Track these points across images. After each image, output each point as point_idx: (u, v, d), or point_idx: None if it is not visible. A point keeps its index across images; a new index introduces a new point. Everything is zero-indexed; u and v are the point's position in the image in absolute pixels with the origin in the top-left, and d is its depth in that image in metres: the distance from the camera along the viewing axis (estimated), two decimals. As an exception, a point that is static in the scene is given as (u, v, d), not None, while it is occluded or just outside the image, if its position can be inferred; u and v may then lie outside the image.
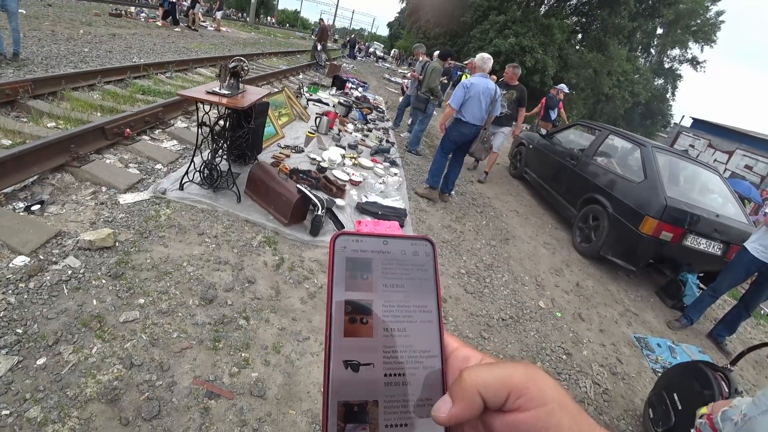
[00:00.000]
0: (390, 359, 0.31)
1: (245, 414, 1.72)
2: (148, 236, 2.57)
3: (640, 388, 2.90)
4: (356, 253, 0.32)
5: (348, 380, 0.30)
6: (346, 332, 0.30)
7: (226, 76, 3.02)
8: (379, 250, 0.33)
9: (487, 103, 4.53)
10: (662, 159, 4.64)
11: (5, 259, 2.09)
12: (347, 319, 0.31)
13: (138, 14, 14.25)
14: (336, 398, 0.29)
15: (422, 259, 0.34)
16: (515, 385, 0.26)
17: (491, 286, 3.49)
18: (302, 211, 3.20)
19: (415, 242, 0.34)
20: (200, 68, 8.00)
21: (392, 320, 0.32)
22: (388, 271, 0.33)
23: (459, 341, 0.33)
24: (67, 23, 8.98)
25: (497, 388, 0.26)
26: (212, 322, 2.09)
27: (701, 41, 27.51)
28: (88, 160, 3.14)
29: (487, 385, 0.27)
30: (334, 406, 0.29)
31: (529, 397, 0.26)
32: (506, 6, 20.73)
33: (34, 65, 5.31)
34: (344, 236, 0.33)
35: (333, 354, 0.30)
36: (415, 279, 0.33)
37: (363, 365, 0.30)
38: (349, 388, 0.30)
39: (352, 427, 0.29)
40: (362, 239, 0.33)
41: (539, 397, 0.26)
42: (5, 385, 1.53)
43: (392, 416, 0.30)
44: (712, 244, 4.12)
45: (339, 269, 0.32)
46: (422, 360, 0.31)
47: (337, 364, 0.30)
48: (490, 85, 4.55)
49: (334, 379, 0.29)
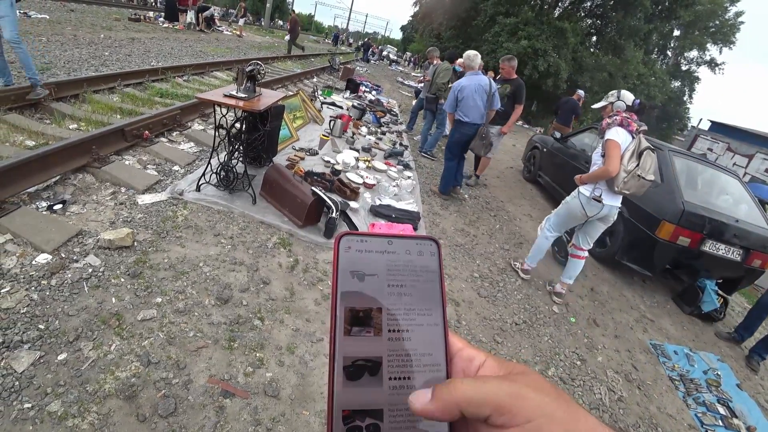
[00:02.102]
0: (394, 359, 0.31)
1: (259, 413, 1.73)
2: (166, 236, 2.62)
3: (656, 395, 2.85)
4: (361, 253, 0.32)
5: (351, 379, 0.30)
6: (351, 332, 0.31)
7: (243, 79, 3.07)
8: (383, 250, 0.33)
9: (483, 100, 4.58)
10: (679, 163, 4.56)
11: (29, 256, 2.15)
12: (352, 319, 0.31)
13: (156, 19, 14.56)
14: (341, 401, 0.29)
15: (427, 259, 0.34)
16: (497, 404, 0.26)
17: (504, 290, 3.46)
18: (317, 213, 3.22)
19: (420, 242, 0.34)
20: (216, 71, 8.12)
21: (397, 320, 0.32)
22: (393, 271, 0.33)
23: (464, 341, 0.34)
24: (89, 28, 9.21)
25: (479, 406, 0.27)
26: (227, 322, 2.12)
27: (720, 42, 26.94)
28: (108, 161, 3.21)
29: (469, 402, 0.27)
30: (339, 411, 0.29)
31: (512, 416, 0.26)
32: (517, 9, 20.56)
33: (56, 69, 5.45)
34: (349, 236, 0.33)
35: (337, 353, 0.30)
36: (420, 279, 0.33)
37: (367, 365, 0.30)
38: (353, 391, 0.30)
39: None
40: (367, 239, 0.33)
41: (523, 414, 0.26)
42: (28, 379, 1.57)
43: (396, 417, 0.30)
44: (731, 249, 4.04)
45: (344, 269, 0.32)
46: (427, 360, 0.32)
47: (341, 364, 0.30)
48: (482, 82, 4.59)
49: (338, 381, 0.30)
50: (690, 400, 2.93)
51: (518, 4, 20.83)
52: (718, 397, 3.02)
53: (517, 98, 5.61)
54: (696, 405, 2.89)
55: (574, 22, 20.87)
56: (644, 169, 2.96)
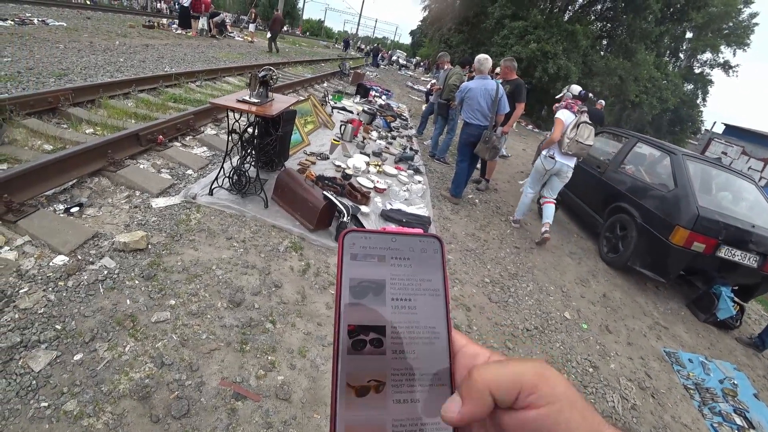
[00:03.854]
0: (398, 356, 0.31)
1: (271, 416, 1.74)
2: (179, 239, 2.65)
3: (670, 404, 2.80)
4: (365, 249, 0.33)
5: (356, 366, 0.30)
6: (356, 330, 0.31)
7: (255, 84, 3.10)
8: (387, 247, 0.33)
9: (488, 103, 4.66)
10: (693, 167, 4.50)
11: (46, 258, 2.19)
12: (356, 315, 0.31)
13: (170, 26, 14.82)
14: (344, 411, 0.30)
15: (430, 256, 0.34)
16: (525, 383, 0.26)
17: (516, 295, 3.44)
18: (328, 217, 3.24)
19: (423, 239, 0.35)
20: (228, 77, 8.22)
21: (401, 317, 0.32)
22: (397, 267, 0.33)
23: (466, 338, 0.33)
24: (105, 35, 9.40)
25: (508, 387, 0.26)
26: (240, 325, 2.13)
27: (733, 44, 26.56)
28: (123, 165, 3.27)
29: (499, 384, 0.26)
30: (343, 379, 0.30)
31: (539, 395, 0.26)
32: (525, 12, 20.51)
33: (74, 75, 5.57)
34: (353, 233, 0.33)
35: (341, 353, 0.30)
36: (424, 276, 0.34)
37: (371, 363, 0.31)
38: (358, 359, 0.30)
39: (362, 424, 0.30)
40: (371, 236, 0.33)
41: (549, 394, 0.26)
42: (44, 379, 1.60)
43: (401, 416, 0.30)
44: (747, 255, 3.96)
45: (348, 265, 0.32)
46: (431, 358, 0.32)
47: (346, 363, 0.30)
48: (489, 86, 4.67)
49: (342, 383, 0.30)
50: (706, 410, 2.87)
51: (527, 8, 20.78)
52: (735, 407, 2.95)
53: (516, 97, 5.46)
54: (712, 415, 2.84)
55: (585, 25, 20.74)
56: (582, 137, 4.16)
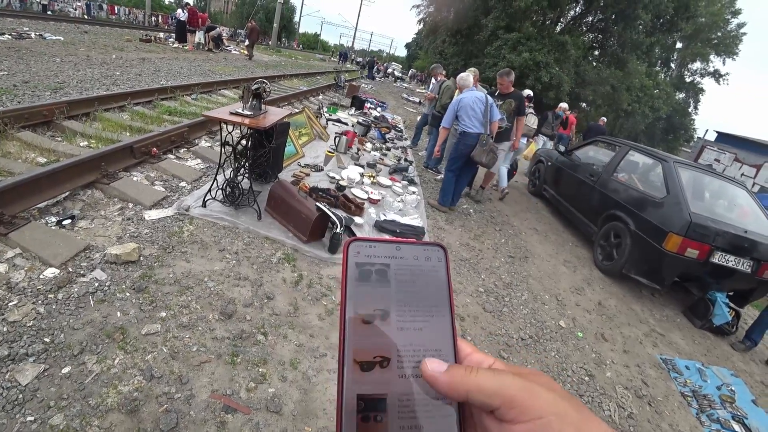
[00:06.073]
0: (403, 362, 0.31)
1: (261, 429, 1.72)
2: (171, 251, 2.64)
3: (667, 412, 2.78)
4: (369, 258, 0.33)
5: (361, 380, 0.31)
6: (361, 335, 0.31)
7: (248, 97, 3.12)
8: (391, 256, 0.34)
9: (481, 109, 4.66)
10: (685, 174, 4.53)
11: (37, 270, 2.18)
12: (361, 322, 0.31)
13: (166, 39, 14.96)
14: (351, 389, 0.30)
15: (434, 264, 0.35)
16: (508, 397, 0.26)
17: (510, 305, 3.43)
18: (321, 228, 3.24)
19: (427, 248, 0.35)
20: (224, 90, 8.29)
21: (405, 324, 0.32)
22: (401, 276, 0.33)
23: (472, 346, 0.34)
24: (101, 49, 9.47)
25: (489, 396, 0.27)
26: (231, 337, 2.12)
27: (723, 54, 27.02)
28: (116, 178, 3.27)
29: (480, 389, 0.27)
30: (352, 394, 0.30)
31: (521, 410, 0.26)
32: (518, 25, 20.85)
33: (69, 88, 5.60)
34: (358, 242, 0.34)
35: (346, 355, 0.31)
36: (428, 284, 0.34)
37: (378, 365, 0.31)
38: (364, 379, 0.30)
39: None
40: (375, 245, 0.34)
41: (533, 410, 0.26)
42: (31, 392, 1.58)
43: (404, 419, 0.30)
44: (741, 261, 3.98)
45: (352, 274, 0.32)
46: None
47: (351, 365, 0.31)
48: (478, 94, 4.73)
49: (348, 384, 0.30)
50: (704, 417, 2.85)
51: (520, 20, 21.13)
52: (733, 414, 2.93)
53: (520, 111, 5.59)
54: (710, 422, 2.81)
55: (576, 36, 21.10)
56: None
